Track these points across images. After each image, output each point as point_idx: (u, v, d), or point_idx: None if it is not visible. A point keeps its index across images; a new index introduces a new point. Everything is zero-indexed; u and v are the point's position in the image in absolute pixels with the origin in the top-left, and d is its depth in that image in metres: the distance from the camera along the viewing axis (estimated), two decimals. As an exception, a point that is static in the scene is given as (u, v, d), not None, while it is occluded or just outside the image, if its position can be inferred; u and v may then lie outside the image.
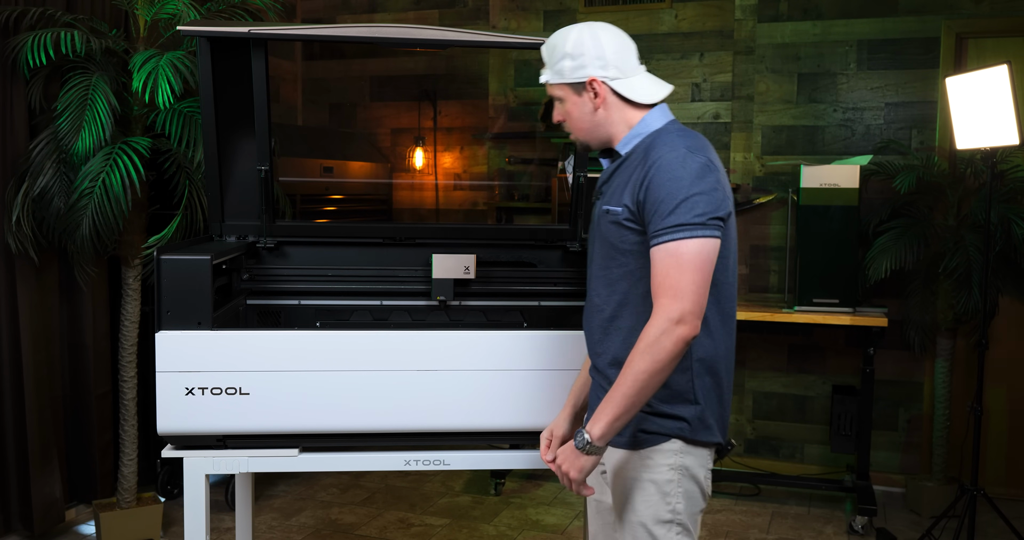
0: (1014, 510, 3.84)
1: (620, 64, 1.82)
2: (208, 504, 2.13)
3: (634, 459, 1.78)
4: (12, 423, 3.37)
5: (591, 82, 1.80)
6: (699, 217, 1.64)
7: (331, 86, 5.21)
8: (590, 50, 1.80)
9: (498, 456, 2.18)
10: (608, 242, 1.79)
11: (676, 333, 1.60)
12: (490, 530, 3.72)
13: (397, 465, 2.13)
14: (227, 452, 2.09)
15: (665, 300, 1.62)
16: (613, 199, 1.79)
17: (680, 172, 1.67)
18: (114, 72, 3.31)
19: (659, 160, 1.69)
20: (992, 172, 3.23)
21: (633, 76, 1.83)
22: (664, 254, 1.65)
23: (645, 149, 1.76)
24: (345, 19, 5.15)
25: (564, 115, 1.87)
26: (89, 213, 3.11)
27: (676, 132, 1.76)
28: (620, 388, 1.63)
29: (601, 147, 1.89)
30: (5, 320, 3.33)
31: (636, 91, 1.82)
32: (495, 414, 2.09)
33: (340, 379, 2.06)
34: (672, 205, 1.65)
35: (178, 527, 3.68)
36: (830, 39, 4.25)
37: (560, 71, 1.83)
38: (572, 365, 2.09)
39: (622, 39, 1.85)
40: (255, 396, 2.03)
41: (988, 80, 3.13)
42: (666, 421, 1.75)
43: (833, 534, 3.72)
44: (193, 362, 2.02)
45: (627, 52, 1.84)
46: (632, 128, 1.82)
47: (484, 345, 2.09)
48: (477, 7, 4.86)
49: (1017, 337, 4.13)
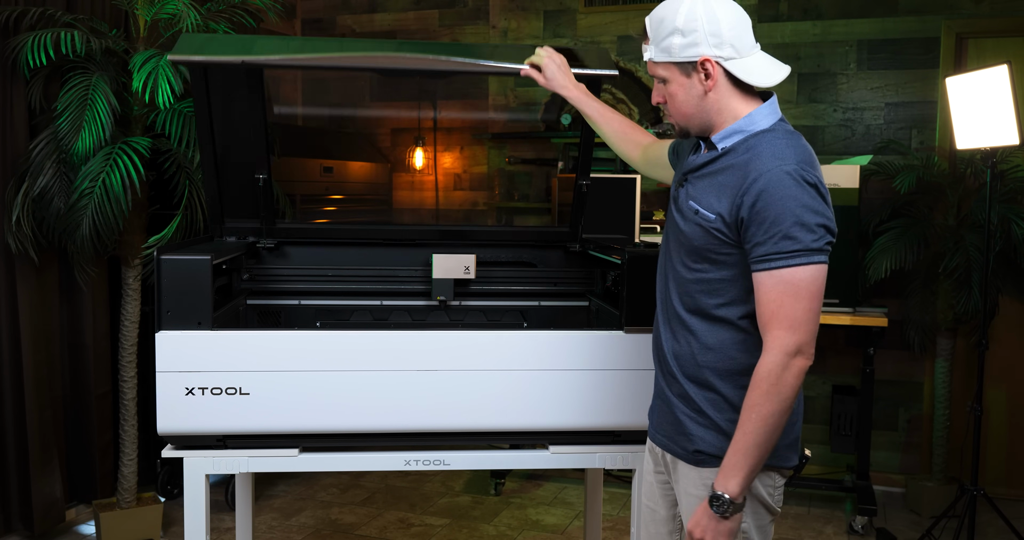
0: (1014, 510, 3.84)
1: (736, 42, 1.60)
2: (208, 504, 2.13)
3: (696, 476, 1.69)
4: (12, 423, 3.37)
5: (703, 62, 1.61)
6: (816, 242, 1.51)
7: (331, 86, 5.21)
8: (704, 25, 1.59)
9: (498, 456, 2.18)
10: (690, 241, 1.67)
11: (796, 367, 1.51)
12: (490, 530, 3.72)
13: (397, 465, 2.13)
14: (227, 452, 2.08)
15: (780, 332, 1.51)
16: (704, 200, 1.64)
17: (795, 191, 1.51)
18: (114, 72, 3.31)
19: (769, 174, 1.53)
20: (992, 172, 3.23)
21: (749, 56, 1.62)
22: (777, 281, 1.51)
23: (748, 151, 1.59)
24: (345, 19, 5.15)
25: (666, 97, 1.69)
26: (89, 213, 3.11)
27: (784, 138, 1.59)
28: (749, 436, 1.52)
29: (701, 135, 1.71)
30: (5, 320, 3.33)
31: (752, 73, 1.61)
32: (495, 414, 2.08)
33: (340, 379, 2.05)
34: (786, 227, 1.50)
35: (178, 527, 3.68)
36: (830, 39, 4.25)
37: (667, 48, 1.63)
38: (570, 365, 2.09)
39: (738, 13, 1.63)
40: (255, 396, 2.03)
41: (988, 80, 3.13)
42: (724, 443, 1.61)
43: (833, 534, 3.72)
44: (193, 362, 2.02)
45: (743, 28, 1.62)
46: (736, 121, 1.63)
47: (484, 345, 2.08)
48: (477, 7, 4.86)
49: (1017, 337, 4.13)
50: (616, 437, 2.16)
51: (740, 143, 1.62)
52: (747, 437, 1.52)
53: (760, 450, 1.52)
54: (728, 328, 1.65)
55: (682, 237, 1.69)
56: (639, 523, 2.00)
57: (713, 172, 1.65)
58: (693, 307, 1.69)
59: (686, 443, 1.70)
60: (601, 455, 2.17)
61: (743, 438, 1.53)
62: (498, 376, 2.08)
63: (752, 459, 1.53)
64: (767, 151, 1.57)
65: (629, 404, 2.11)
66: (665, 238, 1.79)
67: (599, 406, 2.11)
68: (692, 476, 1.70)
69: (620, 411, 2.12)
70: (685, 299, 1.70)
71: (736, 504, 1.53)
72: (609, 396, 2.11)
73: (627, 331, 2.12)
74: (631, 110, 4.53)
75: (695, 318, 1.68)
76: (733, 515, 1.54)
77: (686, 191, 1.70)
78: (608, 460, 2.17)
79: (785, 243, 1.51)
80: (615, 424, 2.14)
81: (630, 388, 2.11)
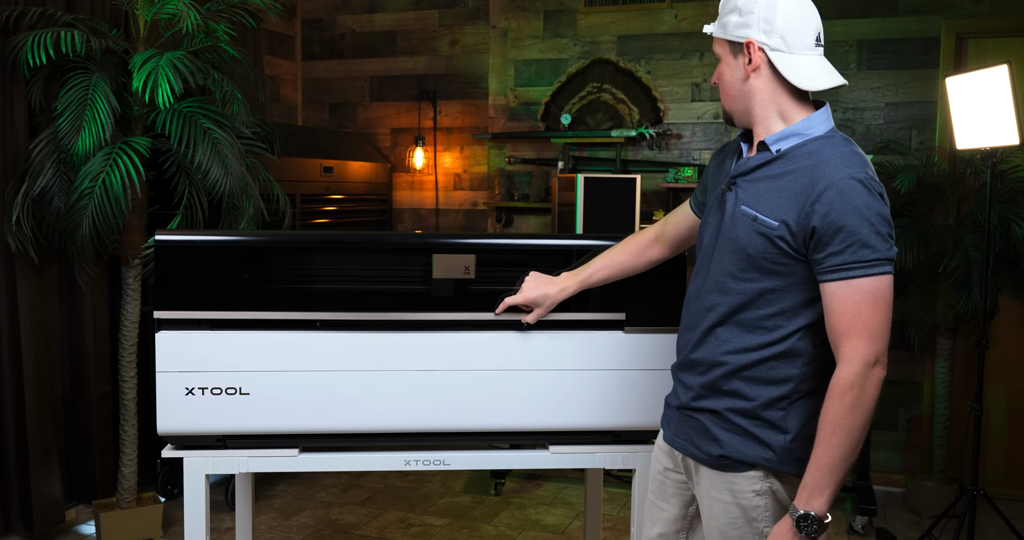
0: (1014, 510, 3.84)
1: (788, 36, 1.57)
2: (208, 504, 2.13)
3: (720, 480, 1.67)
4: (12, 423, 3.37)
5: (748, 44, 1.60)
6: (889, 250, 1.51)
7: (331, 86, 5.21)
8: (760, 10, 1.58)
9: (498, 456, 2.17)
10: (743, 249, 1.61)
11: (876, 376, 1.50)
12: (490, 530, 3.72)
13: (397, 465, 2.12)
14: (227, 452, 2.08)
15: (859, 342, 1.49)
16: (764, 207, 1.58)
17: (869, 199, 1.50)
18: (114, 72, 3.31)
19: (842, 182, 1.50)
20: (992, 172, 3.23)
21: (800, 54, 1.59)
22: (855, 291, 1.49)
23: (810, 157, 1.56)
24: (345, 19, 5.15)
25: (718, 77, 1.69)
26: (89, 213, 3.11)
27: (847, 146, 1.57)
28: (834, 450, 1.49)
29: (743, 126, 1.69)
30: (5, 320, 3.33)
31: (796, 72, 1.58)
32: (494, 414, 2.08)
33: (339, 379, 2.04)
34: (864, 236, 1.49)
35: (178, 527, 3.68)
36: (830, 39, 4.25)
37: (724, 25, 1.64)
38: (570, 365, 2.09)
39: (805, 8, 1.59)
40: (255, 396, 2.03)
41: (988, 80, 3.13)
42: (751, 449, 1.63)
43: (833, 534, 3.72)
44: (193, 362, 2.01)
45: (803, 24, 1.58)
46: (791, 124, 1.60)
47: (482, 345, 2.08)
48: (477, 7, 4.86)
49: (1017, 337, 4.13)
50: (617, 437, 2.15)
51: (797, 148, 1.59)
52: (832, 452, 1.49)
53: (846, 464, 1.49)
54: (769, 337, 1.61)
55: (733, 245, 1.62)
56: (640, 522, 2.00)
57: (771, 176, 1.60)
58: (734, 315, 1.64)
59: (712, 448, 1.67)
60: (602, 455, 2.16)
61: (828, 453, 1.49)
62: (497, 376, 2.07)
63: (838, 474, 1.49)
64: (835, 158, 1.54)
65: (629, 404, 2.11)
66: (710, 245, 1.71)
67: (599, 406, 2.10)
68: (716, 480, 1.68)
69: (620, 411, 2.11)
70: (725, 307, 1.65)
71: (824, 523, 1.50)
72: (609, 396, 2.10)
73: (627, 331, 2.11)
74: (631, 110, 4.53)
75: (734, 327, 1.64)
76: (820, 535, 1.51)
77: (735, 196, 1.64)
78: (608, 460, 2.16)
79: (864, 252, 1.49)
80: (615, 424, 2.13)
81: (630, 389, 2.11)
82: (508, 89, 4.83)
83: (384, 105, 5.12)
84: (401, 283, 2.09)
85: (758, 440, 1.62)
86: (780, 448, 1.61)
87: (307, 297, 2.05)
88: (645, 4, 4.51)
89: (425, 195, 5.07)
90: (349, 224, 4.66)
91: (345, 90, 5.18)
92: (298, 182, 4.28)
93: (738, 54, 1.62)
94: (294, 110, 5.23)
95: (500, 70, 4.83)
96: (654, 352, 2.10)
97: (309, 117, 5.27)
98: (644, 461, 2.14)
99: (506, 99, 4.83)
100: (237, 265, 2.04)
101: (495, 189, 4.82)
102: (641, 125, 4.51)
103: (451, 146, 4.99)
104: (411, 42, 5.03)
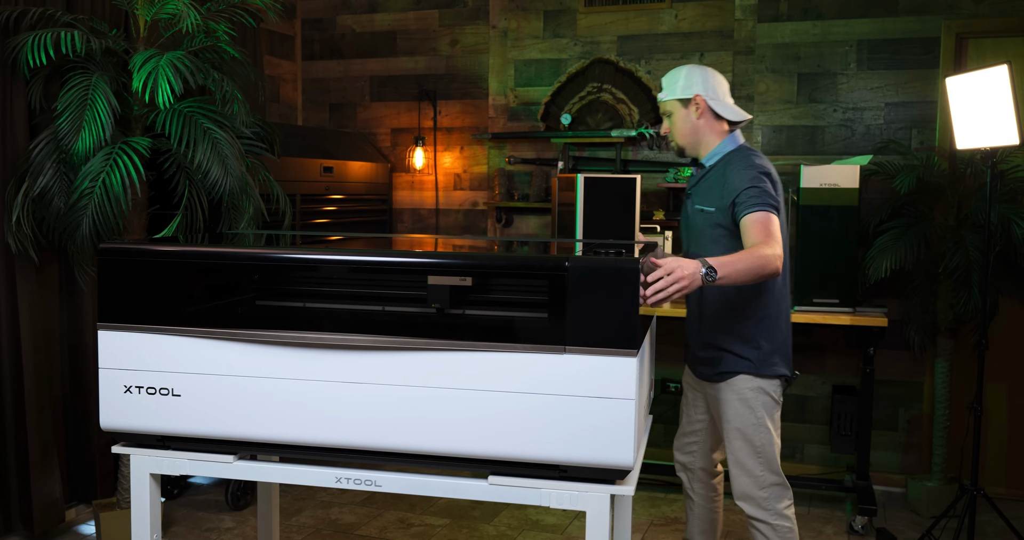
0: (1014, 510, 3.84)
1: (718, 91, 2.57)
2: (157, 503, 2.12)
3: (722, 388, 2.59)
4: (12, 423, 3.37)
5: (696, 97, 2.55)
6: (772, 199, 2.43)
7: (331, 86, 5.21)
8: (698, 78, 2.56)
9: (432, 482, 1.98)
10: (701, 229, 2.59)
11: (777, 260, 2.28)
12: (490, 530, 3.72)
13: (328, 482, 2.00)
14: (169, 453, 2.07)
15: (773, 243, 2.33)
16: (705, 201, 2.60)
17: (756, 173, 2.45)
18: (114, 72, 3.31)
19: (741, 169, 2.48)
20: (992, 172, 3.23)
21: (724, 100, 2.57)
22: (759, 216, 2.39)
23: (726, 164, 2.53)
24: (345, 19, 5.15)
25: (670, 127, 2.62)
26: (89, 213, 3.11)
27: (748, 152, 2.54)
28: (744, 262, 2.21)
29: (692, 155, 2.64)
30: (5, 320, 3.33)
31: (727, 110, 2.56)
32: (428, 435, 1.91)
33: (268, 387, 1.96)
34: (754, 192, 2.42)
35: (178, 527, 3.68)
36: (830, 39, 4.25)
37: (675, 90, 2.57)
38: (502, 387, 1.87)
39: (720, 77, 2.61)
40: (186, 398, 2.01)
41: (988, 80, 3.13)
42: (738, 361, 2.55)
43: (833, 534, 3.72)
44: (131, 361, 2.03)
45: (722, 86, 2.59)
46: (716, 146, 2.58)
47: (409, 359, 1.91)
48: (477, 7, 4.86)
49: (1017, 337, 4.13)
50: (563, 472, 1.88)
51: (720, 160, 2.57)
52: (743, 261, 2.21)
53: (743, 275, 2.21)
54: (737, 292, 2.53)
55: (698, 229, 2.59)
56: None
57: (707, 181, 2.58)
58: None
59: (716, 370, 2.61)
60: (547, 491, 1.89)
61: (742, 259, 2.22)
62: (431, 393, 1.90)
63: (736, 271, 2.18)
64: (737, 159, 2.52)
65: (574, 437, 1.83)
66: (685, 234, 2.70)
67: (540, 436, 1.85)
68: (721, 386, 2.60)
69: (564, 443, 1.84)
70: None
71: (716, 278, 2.14)
72: (551, 425, 1.84)
73: (569, 351, 1.83)
74: (631, 110, 4.53)
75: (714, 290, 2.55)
76: (710, 284, 2.14)
77: (692, 201, 2.63)
78: (554, 498, 1.89)
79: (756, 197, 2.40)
80: (558, 458, 1.85)
81: (574, 419, 1.83)
82: (508, 89, 4.82)
83: (384, 105, 5.12)
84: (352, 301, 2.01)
85: (740, 356, 2.56)
86: (757, 359, 2.54)
87: (240, 315, 2.00)
88: (645, 4, 4.51)
89: (425, 195, 5.07)
90: (349, 224, 4.66)
91: (345, 90, 5.18)
92: (298, 182, 4.29)
93: (687, 106, 2.57)
94: (294, 110, 5.23)
95: (500, 70, 4.83)
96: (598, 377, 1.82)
97: (309, 117, 5.27)
98: (596, 504, 1.87)
99: (506, 99, 4.83)
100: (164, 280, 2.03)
101: (495, 189, 4.82)
102: (641, 125, 4.51)
103: (451, 146, 4.99)
104: (411, 42, 5.03)
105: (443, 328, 1.90)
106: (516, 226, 4.87)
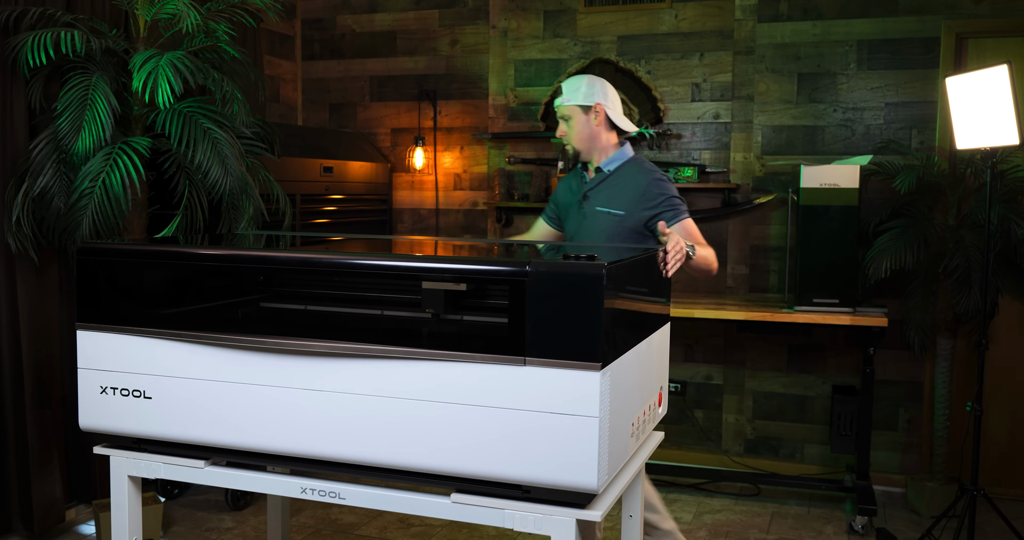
0: (1014, 510, 3.85)
1: (615, 102, 2.75)
2: (137, 504, 2.11)
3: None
4: (12, 423, 3.37)
5: (596, 105, 2.71)
6: (684, 206, 2.74)
7: (331, 86, 5.21)
8: (598, 88, 2.72)
9: (396, 497, 1.89)
10: (603, 232, 2.70)
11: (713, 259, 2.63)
12: (490, 530, 3.72)
13: (294, 492, 1.95)
14: (145, 455, 2.07)
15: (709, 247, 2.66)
16: (612, 203, 2.72)
17: (669, 184, 2.74)
18: (114, 72, 3.31)
19: (653, 181, 2.71)
20: (992, 172, 3.23)
21: (619, 112, 2.77)
22: (687, 224, 2.66)
23: (631, 171, 2.73)
24: (345, 19, 5.15)
25: (567, 131, 2.74)
26: (89, 213, 3.11)
27: (645, 163, 2.77)
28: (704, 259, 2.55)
29: (586, 160, 2.78)
30: (5, 320, 3.33)
31: (622, 121, 2.76)
32: (395, 449, 1.82)
33: (236, 392, 1.92)
34: (676, 201, 2.72)
35: (178, 527, 3.68)
36: (830, 39, 4.25)
37: (577, 97, 2.71)
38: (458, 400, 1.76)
39: (615, 91, 2.79)
40: (157, 401, 2.00)
41: (988, 80, 3.13)
42: None
43: (833, 534, 3.72)
44: (106, 362, 2.04)
45: (617, 100, 2.78)
46: (612, 154, 2.75)
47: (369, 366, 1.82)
48: (477, 7, 4.86)
49: (1017, 337, 4.13)
50: (526, 493, 1.75)
51: (620, 167, 2.74)
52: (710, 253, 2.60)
53: (706, 259, 2.56)
54: None
55: (595, 231, 2.70)
56: None
57: (609, 185, 2.73)
58: None
59: None
60: (510, 513, 1.76)
61: (709, 253, 2.59)
62: (384, 404, 1.81)
63: (706, 254, 2.56)
64: (643, 169, 2.74)
65: (536, 455, 1.69)
66: (572, 237, 2.81)
67: (502, 453, 1.72)
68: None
69: (526, 462, 1.70)
70: None
71: (692, 257, 2.45)
72: (512, 442, 1.71)
73: (529, 363, 1.68)
74: (631, 110, 4.53)
75: None
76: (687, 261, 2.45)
77: (589, 202, 2.74)
78: (517, 520, 1.76)
79: (678, 207, 2.67)
80: (521, 478, 1.72)
81: (536, 436, 1.69)
82: (508, 89, 4.82)
83: (384, 105, 5.12)
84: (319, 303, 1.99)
85: None
86: None
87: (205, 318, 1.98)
88: (645, 4, 4.51)
89: (425, 195, 5.07)
90: (349, 224, 4.66)
91: (345, 90, 5.19)
92: (298, 182, 4.29)
93: (588, 112, 2.71)
94: (294, 110, 5.23)
95: (500, 70, 4.83)
96: (560, 391, 1.68)
97: (309, 117, 5.27)
98: (560, 528, 1.73)
99: (506, 99, 4.83)
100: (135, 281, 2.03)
101: (495, 189, 4.82)
102: (641, 125, 4.51)
103: (451, 146, 4.99)
104: (411, 42, 5.03)
105: (403, 335, 1.81)
106: (516, 226, 4.87)
